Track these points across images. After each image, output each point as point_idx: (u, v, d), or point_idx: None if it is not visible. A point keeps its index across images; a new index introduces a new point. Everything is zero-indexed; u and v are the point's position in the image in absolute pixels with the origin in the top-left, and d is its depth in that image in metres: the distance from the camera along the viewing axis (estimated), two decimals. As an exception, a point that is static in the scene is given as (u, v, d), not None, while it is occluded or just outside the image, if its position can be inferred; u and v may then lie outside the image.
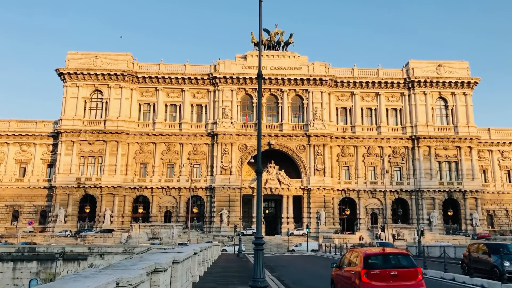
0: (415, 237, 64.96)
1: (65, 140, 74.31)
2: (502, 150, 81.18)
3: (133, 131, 75.98)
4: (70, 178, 72.79)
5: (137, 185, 74.35)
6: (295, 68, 78.72)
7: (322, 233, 69.57)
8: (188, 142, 76.11)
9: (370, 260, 12.66)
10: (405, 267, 12.60)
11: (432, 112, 78.97)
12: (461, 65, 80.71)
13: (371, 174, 77.33)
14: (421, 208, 74.86)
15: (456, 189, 75.35)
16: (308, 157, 75.06)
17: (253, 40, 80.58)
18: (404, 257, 13.15)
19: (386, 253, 13.58)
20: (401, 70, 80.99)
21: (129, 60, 78.58)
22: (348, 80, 78.96)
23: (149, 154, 75.88)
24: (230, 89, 77.41)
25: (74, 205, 72.65)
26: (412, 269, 12.50)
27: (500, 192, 79.62)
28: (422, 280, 12.42)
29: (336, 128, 78.14)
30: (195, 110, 78.66)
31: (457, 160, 77.11)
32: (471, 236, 69.75)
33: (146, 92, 78.64)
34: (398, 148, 77.69)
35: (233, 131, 74.89)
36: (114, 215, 72.39)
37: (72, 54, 78.07)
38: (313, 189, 73.40)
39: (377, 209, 76.37)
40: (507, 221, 78.82)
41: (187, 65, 79.07)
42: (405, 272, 12.37)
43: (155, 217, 73.80)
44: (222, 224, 71.35)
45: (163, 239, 62.24)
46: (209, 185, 74.13)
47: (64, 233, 66.96)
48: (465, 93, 79.21)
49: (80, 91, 76.76)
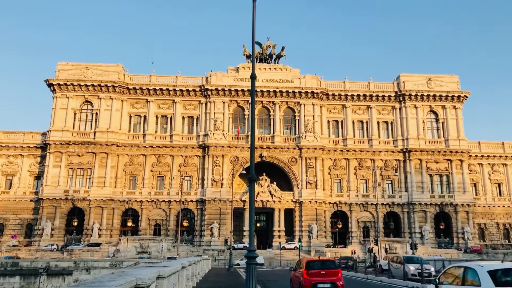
0: (408, 251, 64.55)
1: (53, 152, 73.09)
2: (492, 163, 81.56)
3: (123, 142, 75.04)
4: (58, 190, 71.39)
5: (126, 197, 73.13)
6: (287, 80, 78.76)
7: (314, 246, 68.77)
8: (179, 154, 75.32)
9: (310, 264, 19.83)
10: (331, 268, 19.78)
11: (423, 125, 79.27)
12: (451, 79, 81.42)
13: (363, 187, 77.04)
14: (413, 221, 74.61)
15: (447, 203, 75.28)
16: (300, 169, 74.64)
17: (245, 52, 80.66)
18: (331, 262, 20.71)
19: (320, 260, 20.92)
20: (392, 83, 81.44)
21: (120, 71, 78.02)
22: (340, 93, 79.13)
23: (139, 166, 74.88)
24: (222, 101, 77.08)
25: (62, 218, 71.13)
26: (335, 270, 19.68)
27: (491, 206, 79.72)
28: (341, 276, 19.46)
29: (328, 141, 77.99)
30: (186, 122, 78.08)
31: (448, 173, 77.21)
32: (463, 249, 69.49)
33: (137, 103, 77.96)
34: (389, 161, 77.66)
35: (224, 143, 74.33)
36: (103, 229, 70.97)
37: (62, 65, 77.32)
38: (305, 202, 72.81)
39: (369, 222, 75.90)
40: (498, 234, 78.78)
41: (178, 76, 78.70)
42: (331, 272, 19.42)
43: (144, 230, 72.49)
44: (213, 237, 70.25)
45: (152, 253, 60.98)
46: (199, 198, 73.18)
47: (50, 247, 65.34)
48: (455, 107, 79.76)
49: (70, 102, 75.85)
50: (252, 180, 12.73)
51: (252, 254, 12.72)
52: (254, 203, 12.27)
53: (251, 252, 12.78)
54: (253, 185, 12.68)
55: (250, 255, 12.72)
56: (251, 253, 12.79)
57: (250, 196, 12.46)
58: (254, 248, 12.91)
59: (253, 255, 12.72)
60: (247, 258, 12.83)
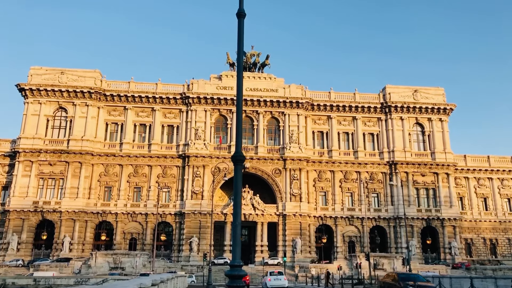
0: (395, 267, 62.06)
1: (23, 160, 68.66)
2: (478, 177, 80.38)
3: (99, 151, 71.16)
4: (26, 201, 66.81)
5: (100, 209, 68.97)
6: (271, 90, 76.52)
7: (298, 262, 65.66)
8: (158, 164, 71.80)
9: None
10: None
11: (409, 137, 77.79)
12: (437, 91, 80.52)
13: (348, 200, 74.68)
14: (400, 236, 72.43)
15: (434, 217, 73.42)
16: (284, 181, 71.92)
17: (229, 60, 78.37)
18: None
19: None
20: (377, 94, 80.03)
21: (97, 77, 74.49)
22: (325, 103, 77.23)
23: (115, 177, 70.97)
24: (204, 110, 74.20)
25: (30, 231, 66.44)
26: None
27: (477, 220, 78.22)
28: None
29: (313, 152, 75.68)
30: (166, 130, 74.79)
31: (435, 187, 75.59)
32: (451, 265, 67.36)
33: (114, 111, 74.39)
34: (375, 173, 75.68)
35: (205, 153, 71.20)
36: (74, 243, 66.52)
37: (36, 69, 73.40)
38: (289, 215, 69.95)
39: (354, 237, 73.36)
40: (485, 250, 77.12)
41: (158, 83, 75.62)
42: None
43: (119, 245, 68.31)
44: (192, 252, 66.54)
45: (126, 268, 56.88)
46: (178, 211, 69.57)
47: (16, 262, 60.59)
48: (441, 119, 78.67)
49: (42, 109, 71.79)
50: (239, 160, 9.33)
51: (237, 271, 8.39)
52: (240, 194, 8.52)
53: (236, 269, 8.42)
54: (239, 168, 9.26)
55: (234, 273, 8.37)
56: (235, 269, 8.42)
57: (236, 180, 8.59)
58: (241, 263, 8.66)
59: (239, 272, 8.39)
60: (229, 277, 8.55)
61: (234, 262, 8.35)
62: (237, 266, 8.39)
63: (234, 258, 8.49)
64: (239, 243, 8.18)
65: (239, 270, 8.33)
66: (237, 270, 8.30)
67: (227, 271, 8.67)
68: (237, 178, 8.49)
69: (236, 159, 9.47)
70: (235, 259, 8.47)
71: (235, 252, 8.50)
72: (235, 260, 8.44)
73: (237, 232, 7.74)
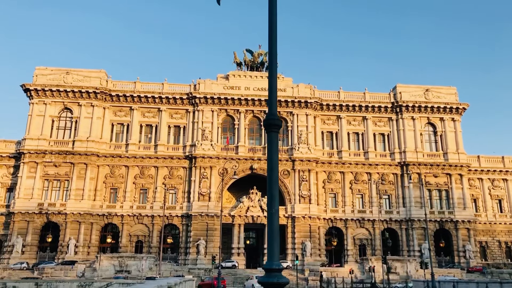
0: (408, 270, 60.23)
1: (27, 162, 67.67)
2: (492, 178, 78.25)
3: (104, 152, 70.02)
4: (31, 203, 65.75)
5: (106, 211, 67.75)
6: (279, 89, 75.04)
7: (307, 265, 63.98)
8: (164, 165, 70.49)
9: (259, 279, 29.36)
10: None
11: (421, 138, 75.90)
12: (449, 90, 78.63)
13: (359, 202, 72.89)
14: (412, 239, 70.52)
15: (447, 219, 71.42)
16: (292, 182, 70.33)
17: (236, 59, 77.14)
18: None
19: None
20: (388, 94, 78.30)
21: (102, 77, 73.45)
22: (334, 103, 75.62)
23: (121, 178, 69.75)
24: (211, 110, 72.88)
25: (34, 233, 65.34)
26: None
27: (492, 223, 76.06)
28: None
29: (322, 153, 74.03)
30: (172, 131, 73.53)
31: (448, 188, 73.60)
32: (466, 269, 65.33)
33: (119, 111, 73.27)
34: (386, 174, 73.85)
35: (213, 154, 69.82)
36: (79, 245, 65.33)
37: (41, 69, 72.49)
38: (298, 218, 68.31)
39: (365, 239, 71.53)
40: (500, 253, 74.92)
41: (165, 83, 74.44)
42: None
43: (125, 247, 67.00)
44: (199, 255, 65.08)
45: (132, 272, 55.53)
46: (185, 213, 68.17)
47: (20, 265, 59.42)
48: (453, 119, 76.75)
49: (47, 109, 70.84)
50: (273, 125, 7.35)
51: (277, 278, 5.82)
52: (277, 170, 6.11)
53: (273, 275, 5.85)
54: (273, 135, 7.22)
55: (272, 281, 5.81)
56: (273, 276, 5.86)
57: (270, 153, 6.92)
58: (280, 266, 6.18)
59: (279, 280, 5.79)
60: (265, 286, 5.92)
61: (272, 265, 5.90)
62: (275, 271, 5.90)
63: (272, 258, 5.99)
64: (276, 237, 6.26)
65: (279, 277, 5.85)
66: (276, 277, 5.83)
67: (261, 278, 6.36)
68: (271, 149, 6.49)
69: (269, 123, 7.55)
70: (273, 260, 5.96)
71: (272, 250, 6.12)
72: (273, 262, 5.94)
73: (274, 223, 5.75)
